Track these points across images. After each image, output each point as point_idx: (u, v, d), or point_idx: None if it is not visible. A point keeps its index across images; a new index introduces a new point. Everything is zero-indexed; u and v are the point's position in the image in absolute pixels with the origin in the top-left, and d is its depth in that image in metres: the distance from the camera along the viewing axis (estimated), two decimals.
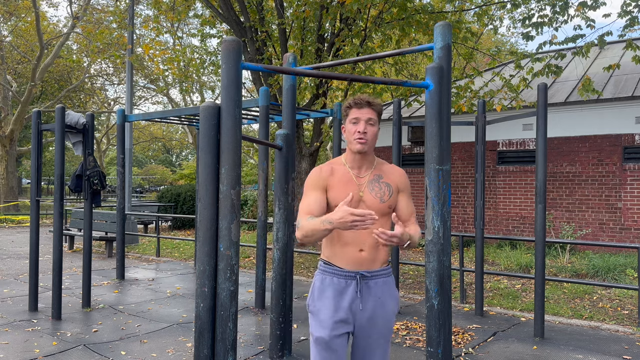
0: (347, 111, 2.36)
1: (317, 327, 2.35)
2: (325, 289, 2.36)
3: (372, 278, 2.36)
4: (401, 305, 6.38)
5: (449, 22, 2.87)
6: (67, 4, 38.87)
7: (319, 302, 2.37)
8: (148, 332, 5.19)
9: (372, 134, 2.32)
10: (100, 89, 29.60)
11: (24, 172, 44.62)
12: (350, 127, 2.34)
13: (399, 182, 2.45)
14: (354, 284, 2.33)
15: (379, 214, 2.35)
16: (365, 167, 2.39)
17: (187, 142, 40.72)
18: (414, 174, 12.67)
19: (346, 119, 2.38)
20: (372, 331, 2.36)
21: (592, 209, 10.43)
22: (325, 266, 2.39)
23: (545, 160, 5.02)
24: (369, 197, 2.35)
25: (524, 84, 9.17)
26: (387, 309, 2.39)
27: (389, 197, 2.38)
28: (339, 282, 2.34)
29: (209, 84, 21.31)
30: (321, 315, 2.34)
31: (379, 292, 2.37)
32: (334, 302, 2.33)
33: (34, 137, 5.96)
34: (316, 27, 9.82)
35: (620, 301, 6.69)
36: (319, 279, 2.41)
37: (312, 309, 2.40)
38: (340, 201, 2.28)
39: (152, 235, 12.19)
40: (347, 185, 2.35)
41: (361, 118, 2.32)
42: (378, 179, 2.39)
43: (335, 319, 2.31)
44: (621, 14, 7.91)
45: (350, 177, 2.36)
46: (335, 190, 2.34)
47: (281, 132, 4.25)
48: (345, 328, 2.33)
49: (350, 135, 2.34)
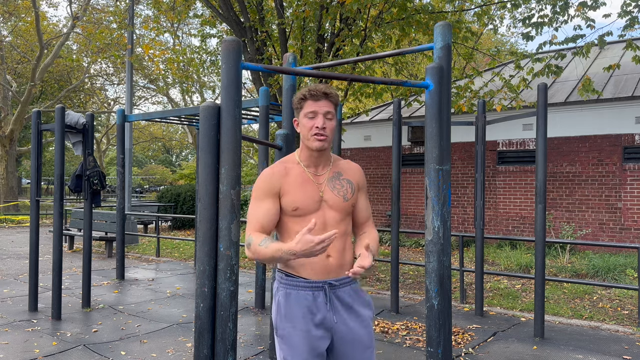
0: (302, 103, 2.14)
1: (292, 352, 2.11)
2: (292, 307, 2.12)
3: (340, 287, 2.16)
4: (401, 305, 6.38)
5: (449, 22, 2.87)
6: (67, 4, 38.88)
7: (288, 323, 2.12)
8: (148, 332, 5.19)
9: (331, 129, 2.12)
10: (100, 89, 29.61)
11: (24, 172, 44.61)
12: (306, 121, 2.12)
13: (359, 179, 2.27)
14: (322, 295, 2.12)
15: (343, 214, 2.19)
16: (322, 164, 2.20)
17: (187, 142, 40.73)
18: (414, 174, 12.67)
19: (300, 112, 2.15)
20: (354, 348, 2.17)
21: (592, 209, 10.43)
22: (288, 279, 2.15)
23: (545, 160, 5.02)
24: (331, 195, 2.17)
25: (524, 84, 9.17)
26: (364, 318, 2.21)
27: (351, 195, 2.21)
28: (305, 296, 2.12)
29: (209, 84, 21.30)
30: (294, 338, 2.11)
31: (350, 301, 2.18)
32: (304, 320, 2.10)
33: (33, 137, 5.96)
34: (316, 27, 9.81)
35: (620, 301, 6.69)
36: (282, 295, 2.15)
37: (281, 332, 2.14)
38: (299, 204, 2.12)
39: (152, 235, 12.19)
40: (304, 185, 2.15)
41: (318, 112, 2.10)
42: (338, 176, 2.21)
43: (311, 339, 2.10)
44: (621, 14, 7.91)
45: (306, 176, 2.17)
46: (292, 195, 2.13)
47: (281, 132, 4.25)
48: (322, 345, 2.12)
49: (306, 131, 2.12)
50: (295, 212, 2.13)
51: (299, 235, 1.89)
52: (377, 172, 13.39)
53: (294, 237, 2.02)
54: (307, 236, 1.87)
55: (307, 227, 1.89)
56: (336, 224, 2.17)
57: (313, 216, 2.12)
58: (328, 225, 2.16)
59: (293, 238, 2.05)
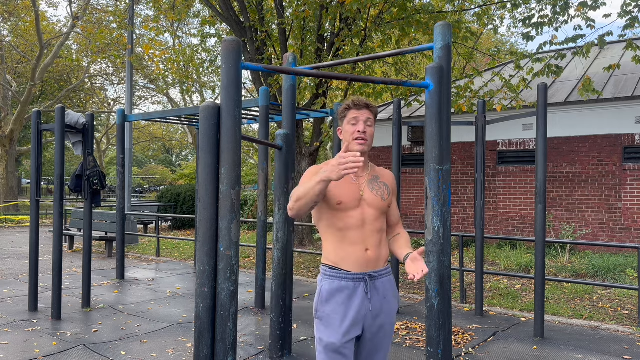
0: (346, 112, 2.37)
1: (327, 332, 2.31)
2: (335, 294, 2.33)
3: (378, 278, 2.37)
4: (401, 305, 6.38)
5: (449, 22, 2.87)
6: (67, 4, 38.87)
7: (328, 307, 2.33)
8: (148, 332, 5.19)
9: (370, 134, 2.34)
10: (100, 89, 29.60)
11: (24, 172, 44.61)
12: (349, 127, 2.35)
13: (393, 184, 2.49)
14: (363, 285, 2.32)
15: (380, 213, 2.38)
16: (362, 168, 2.41)
17: (187, 142, 40.72)
18: (414, 174, 12.67)
19: (344, 120, 2.38)
20: (379, 332, 2.37)
21: (592, 209, 10.43)
22: (332, 271, 2.36)
23: (545, 160, 5.02)
24: (370, 195, 2.36)
25: (524, 84, 9.17)
26: (392, 307, 2.41)
27: (388, 196, 2.41)
28: (347, 286, 2.32)
29: (209, 84, 21.30)
30: (331, 321, 2.31)
31: (384, 291, 2.38)
32: (344, 306, 2.31)
33: (33, 137, 5.96)
34: (316, 27, 9.81)
35: (620, 301, 6.69)
36: (327, 283, 2.36)
37: (320, 314, 2.36)
38: (343, 198, 2.30)
39: (152, 235, 12.19)
40: (347, 184, 2.34)
41: (360, 118, 2.33)
42: (376, 179, 2.42)
43: (347, 324, 2.29)
44: (621, 14, 7.91)
45: (348, 177, 2.36)
46: (337, 190, 2.32)
47: (281, 132, 4.25)
48: (355, 332, 2.32)
49: (349, 136, 2.34)
50: (339, 206, 2.31)
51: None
52: None
53: (336, 235, 2.32)
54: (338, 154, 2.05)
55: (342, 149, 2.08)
56: (374, 221, 2.35)
57: (354, 212, 2.32)
58: (367, 221, 2.34)
59: (340, 241, 2.32)
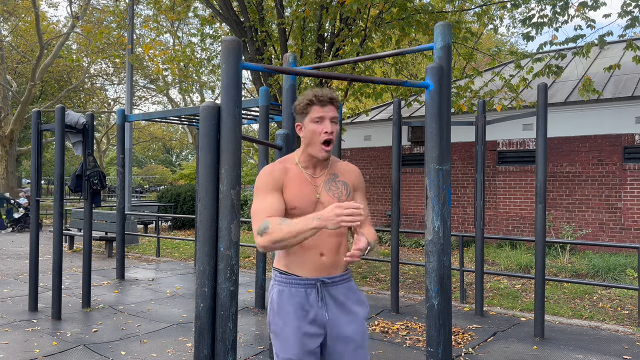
0: (308, 108, 2.14)
1: (283, 347, 2.15)
2: (285, 303, 2.16)
3: (333, 284, 2.19)
4: (401, 305, 6.38)
5: (449, 22, 2.87)
6: (67, 4, 38.88)
7: (280, 319, 2.17)
8: (148, 332, 5.19)
9: (336, 133, 2.14)
10: (100, 89, 29.61)
11: (24, 172, 44.61)
12: (313, 126, 2.13)
13: (355, 181, 2.30)
14: (315, 292, 2.16)
15: None
16: (320, 166, 2.24)
17: (187, 142, 40.73)
18: (414, 174, 12.67)
19: (304, 117, 2.16)
20: (346, 344, 2.19)
21: (592, 209, 10.43)
22: (282, 276, 2.20)
23: (545, 160, 5.02)
24: (327, 197, 2.19)
25: (524, 84, 9.16)
26: (357, 316, 2.23)
27: (346, 197, 2.23)
28: (297, 293, 2.15)
29: (209, 84, 21.30)
30: (285, 334, 2.15)
31: (343, 299, 2.21)
32: (296, 316, 2.14)
33: (33, 137, 5.96)
34: (316, 27, 9.81)
35: (620, 301, 6.69)
36: (275, 292, 2.20)
37: (274, 328, 2.19)
38: (297, 203, 2.14)
39: (152, 235, 12.19)
40: (302, 186, 2.18)
41: (325, 117, 2.13)
42: (334, 178, 2.25)
43: (302, 335, 2.13)
44: (621, 14, 7.91)
45: (304, 177, 2.20)
46: (291, 193, 2.15)
47: (281, 132, 4.25)
48: (314, 343, 2.15)
49: (316, 136, 2.13)
50: (294, 211, 2.15)
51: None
52: (377, 172, 13.39)
53: None
54: (337, 203, 1.88)
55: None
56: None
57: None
58: None
59: None
